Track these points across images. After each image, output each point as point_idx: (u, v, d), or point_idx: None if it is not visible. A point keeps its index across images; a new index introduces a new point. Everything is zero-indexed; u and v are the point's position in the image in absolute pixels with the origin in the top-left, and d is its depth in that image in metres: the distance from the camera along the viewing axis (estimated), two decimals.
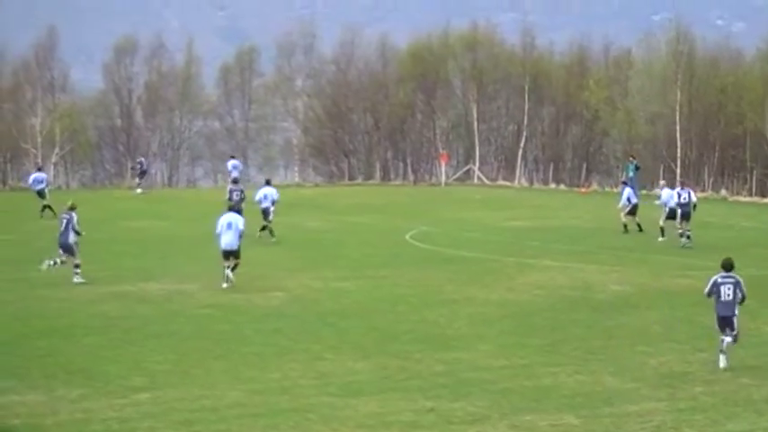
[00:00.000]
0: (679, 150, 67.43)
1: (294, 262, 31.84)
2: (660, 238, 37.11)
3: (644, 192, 62.76)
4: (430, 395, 16.68)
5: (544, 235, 39.53)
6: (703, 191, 63.24)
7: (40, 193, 47.05)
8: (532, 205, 53.79)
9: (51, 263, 27.71)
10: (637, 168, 59.24)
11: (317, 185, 70.54)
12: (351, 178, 74.74)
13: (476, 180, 73.26)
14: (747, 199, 61.62)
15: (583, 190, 67.28)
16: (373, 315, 23.35)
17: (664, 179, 47.38)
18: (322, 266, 30.62)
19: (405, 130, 79.14)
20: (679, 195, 36.90)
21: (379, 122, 78.33)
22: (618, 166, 70.84)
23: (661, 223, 37.61)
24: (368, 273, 29.54)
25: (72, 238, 27.68)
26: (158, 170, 77.12)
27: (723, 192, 64.12)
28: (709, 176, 66.61)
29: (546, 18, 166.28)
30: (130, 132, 76.38)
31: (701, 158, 68.64)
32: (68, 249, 27.67)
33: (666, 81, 68.63)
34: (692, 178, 67.17)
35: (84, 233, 28.18)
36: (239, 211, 37.61)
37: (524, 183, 73.23)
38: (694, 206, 36.92)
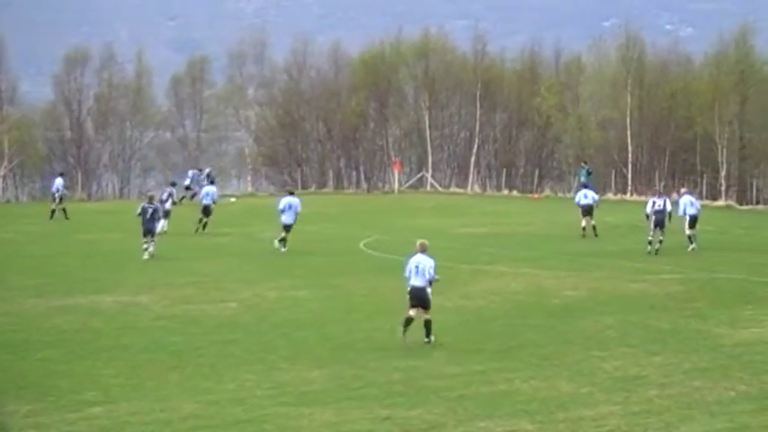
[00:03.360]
0: (630, 155, 68.07)
1: (248, 272, 31.73)
2: (691, 246, 36.38)
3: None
4: (386, 403, 16.66)
5: (498, 241, 39.68)
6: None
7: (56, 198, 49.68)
8: (486, 212, 53.99)
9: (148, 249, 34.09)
10: (589, 173, 59.69)
11: (270, 195, 70.36)
12: (304, 187, 74.65)
13: (429, 187, 73.47)
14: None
15: (536, 196, 67.66)
16: (328, 324, 23.31)
17: (685, 187, 45.95)
18: (276, 276, 30.53)
19: (357, 138, 79.26)
20: (654, 203, 36.16)
21: (332, 131, 78.39)
22: (570, 172, 71.33)
23: (687, 232, 36.81)
24: (322, 282, 29.49)
25: (158, 225, 35.43)
26: (109, 182, 76.73)
27: (674, 196, 64.58)
28: (660, 180, 67.16)
29: (497, 25, 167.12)
30: (81, 144, 75.87)
31: (653, 163, 69.35)
32: (152, 233, 34.55)
33: (617, 86, 69.30)
34: (643, 182, 67.85)
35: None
36: (165, 212, 39.01)
37: (477, 189, 73.54)
38: (669, 215, 36.31)
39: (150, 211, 34.48)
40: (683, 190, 40.39)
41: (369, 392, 17.42)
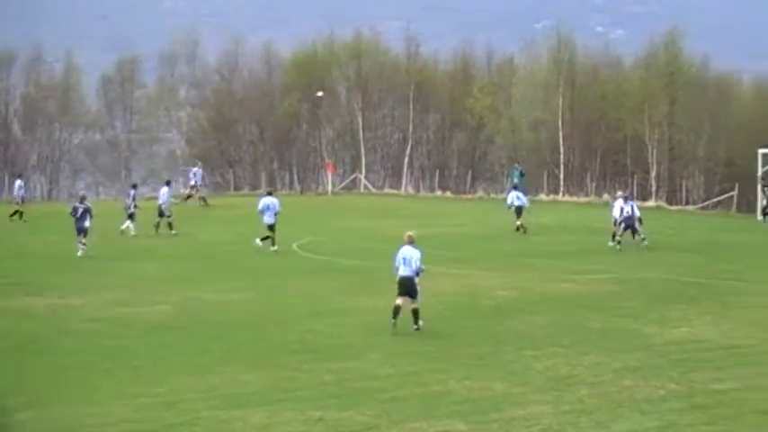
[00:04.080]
0: (562, 156, 68.70)
1: (183, 274, 31.56)
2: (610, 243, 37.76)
3: (528, 197, 63.82)
4: (319, 405, 16.69)
5: (431, 242, 39.64)
6: (586, 195, 64.46)
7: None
8: (419, 213, 54.13)
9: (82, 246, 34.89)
10: (522, 174, 60.22)
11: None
12: (236, 189, 74.33)
13: (362, 189, 73.52)
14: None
15: (469, 197, 68.02)
16: (262, 326, 23.29)
17: (621, 191, 47.36)
18: (210, 278, 30.42)
19: (290, 139, 79.06)
20: (622, 210, 37.52)
21: (265, 132, 78.16)
22: (503, 173, 71.81)
23: (619, 231, 37.85)
24: (256, 284, 29.42)
25: (88, 222, 35.11)
26: (37, 184, 75.76)
27: (605, 196, 65.30)
28: (591, 181, 67.93)
29: (430, 26, 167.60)
30: (8, 146, 74.85)
31: (584, 164, 70.01)
32: (84, 231, 35.04)
33: (549, 88, 69.89)
34: (575, 184, 68.53)
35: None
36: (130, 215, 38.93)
37: (411, 190, 73.73)
38: (640, 219, 37.82)
39: (81, 210, 35.25)
40: (619, 193, 41.46)
41: (301, 394, 17.44)
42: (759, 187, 53.12)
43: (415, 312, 22.32)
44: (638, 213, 37.89)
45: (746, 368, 19.16)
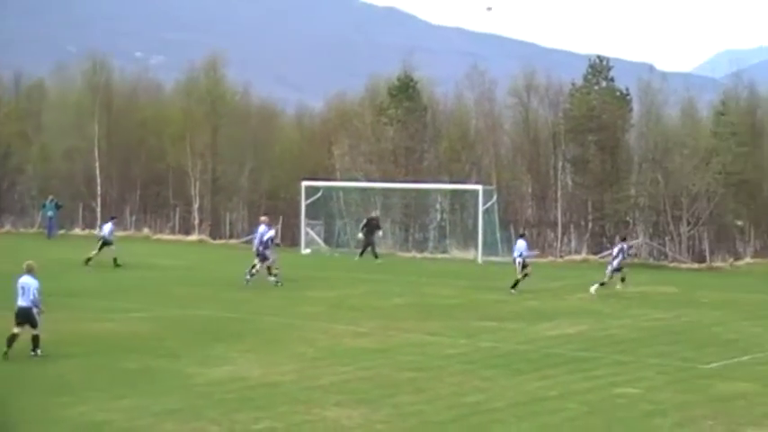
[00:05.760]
0: (99, 187, 67.55)
1: None
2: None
3: (63, 231, 62.26)
4: None
5: None
6: (126, 229, 63.79)
7: None
8: None
9: None
10: (58, 207, 58.75)
11: None
12: None
13: None
14: (171, 237, 63.13)
15: None
16: None
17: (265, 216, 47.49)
18: None
19: None
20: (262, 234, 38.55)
21: None
22: (34, 206, 69.64)
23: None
24: None
25: None
26: None
27: (146, 230, 65.10)
28: (131, 214, 67.29)
29: None
30: None
31: (123, 196, 69.22)
32: None
33: (83, 114, 68.50)
34: (116, 216, 67.65)
35: None
36: None
37: None
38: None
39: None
40: (262, 218, 41.63)
41: None
42: (303, 221, 55.01)
43: (35, 339, 23.38)
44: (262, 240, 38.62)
45: (286, 406, 19.46)
